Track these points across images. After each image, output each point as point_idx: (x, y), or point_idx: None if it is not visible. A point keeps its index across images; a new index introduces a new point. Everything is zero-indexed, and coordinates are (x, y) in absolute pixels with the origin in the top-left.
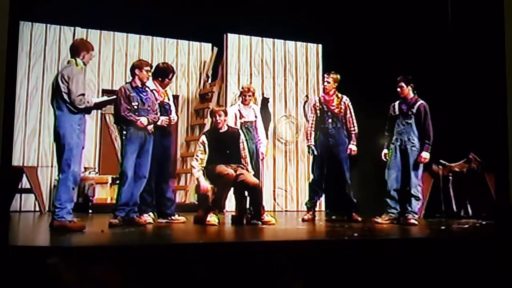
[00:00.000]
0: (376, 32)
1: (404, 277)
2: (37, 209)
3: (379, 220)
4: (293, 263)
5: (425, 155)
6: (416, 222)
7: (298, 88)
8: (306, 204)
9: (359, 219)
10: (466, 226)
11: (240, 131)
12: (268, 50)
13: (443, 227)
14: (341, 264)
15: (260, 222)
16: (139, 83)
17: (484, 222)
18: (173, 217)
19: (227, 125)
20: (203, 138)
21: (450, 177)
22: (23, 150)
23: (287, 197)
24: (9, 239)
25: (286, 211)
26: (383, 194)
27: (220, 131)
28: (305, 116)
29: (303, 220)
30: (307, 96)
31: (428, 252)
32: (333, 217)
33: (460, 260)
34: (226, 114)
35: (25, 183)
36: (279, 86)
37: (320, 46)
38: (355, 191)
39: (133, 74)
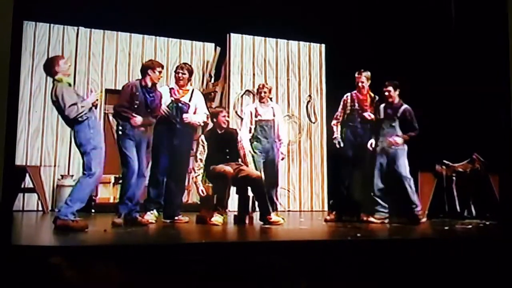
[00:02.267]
0: (380, 32)
1: (408, 277)
2: (40, 208)
3: (372, 219)
4: (296, 263)
5: (398, 139)
6: (421, 216)
7: (301, 88)
8: (330, 204)
9: (366, 218)
10: (470, 226)
11: (238, 131)
12: (271, 50)
13: (446, 228)
14: (343, 264)
15: (267, 223)
16: (149, 84)
17: (487, 223)
18: (176, 218)
19: (225, 126)
20: (202, 138)
21: (454, 178)
22: (26, 150)
23: (290, 197)
24: (12, 239)
25: (288, 211)
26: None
27: (218, 131)
28: (308, 116)
29: (326, 220)
30: (310, 96)
31: (432, 252)
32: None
33: (464, 260)
34: (228, 115)
35: (28, 182)
36: (282, 86)
37: (323, 46)
38: (358, 191)
39: (144, 74)
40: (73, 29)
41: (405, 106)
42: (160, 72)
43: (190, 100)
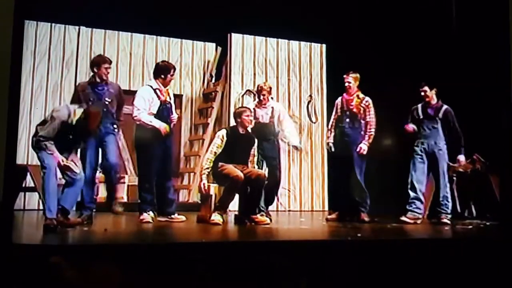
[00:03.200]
0: (381, 32)
1: (408, 278)
2: (41, 207)
3: (405, 219)
4: (296, 263)
5: (463, 158)
6: (449, 222)
7: (302, 88)
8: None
9: (366, 219)
10: (470, 226)
11: (255, 140)
12: (272, 50)
13: (447, 228)
14: (342, 265)
15: (252, 222)
16: (98, 80)
17: (488, 223)
18: (173, 216)
19: (249, 125)
20: (223, 133)
21: (454, 178)
22: (28, 149)
23: (290, 197)
24: (13, 237)
25: (289, 211)
26: (388, 194)
27: (240, 131)
28: (309, 116)
29: (327, 219)
30: (310, 96)
31: (432, 252)
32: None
33: (464, 260)
34: (251, 114)
35: (29, 181)
36: (282, 86)
37: (324, 46)
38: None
39: (91, 70)
40: (75, 29)
41: (446, 106)
42: (106, 68)
43: (170, 99)
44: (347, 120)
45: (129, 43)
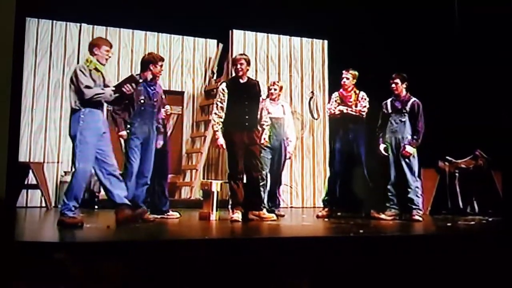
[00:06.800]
0: (382, 28)
1: (410, 274)
2: (43, 204)
3: (383, 216)
4: (298, 259)
5: (409, 149)
6: (421, 218)
7: (304, 84)
8: (323, 200)
9: (388, 217)
10: (473, 222)
11: (261, 84)
12: (274, 46)
13: (449, 224)
14: (345, 261)
15: (258, 218)
16: (149, 77)
17: (490, 219)
18: (168, 214)
19: (247, 76)
20: (223, 86)
21: (457, 174)
22: (30, 146)
23: (292, 193)
24: (16, 235)
25: (291, 207)
26: (383, 190)
27: (241, 81)
28: (310, 112)
29: (318, 216)
30: (312, 92)
31: (434, 249)
32: (338, 213)
33: (466, 257)
34: (248, 63)
35: (31, 179)
36: (284, 83)
37: (325, 42)
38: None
39: (145, 68)
40: (76, 26)
41: (413, 99)
42: (161, 65)
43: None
44: (345, 116)
45: (131, 40)
